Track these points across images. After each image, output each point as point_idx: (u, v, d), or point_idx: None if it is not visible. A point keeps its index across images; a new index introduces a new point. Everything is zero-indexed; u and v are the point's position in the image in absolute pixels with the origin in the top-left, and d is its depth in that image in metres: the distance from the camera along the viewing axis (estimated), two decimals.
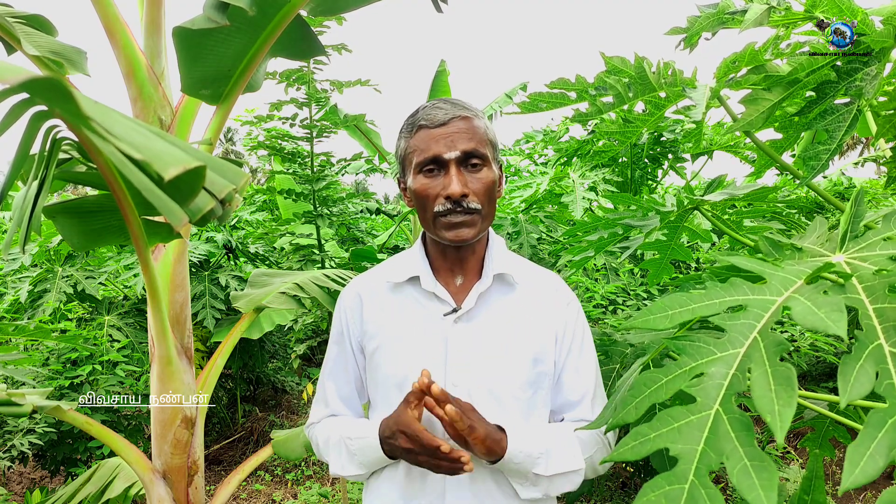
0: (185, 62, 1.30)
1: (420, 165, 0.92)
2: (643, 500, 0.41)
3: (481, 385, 0.92)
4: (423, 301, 0.98)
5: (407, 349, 0.96)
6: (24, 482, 3.37)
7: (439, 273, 1.00)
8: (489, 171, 0.93)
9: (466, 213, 0.91)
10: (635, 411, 0.49)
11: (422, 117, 0.93)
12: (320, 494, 3.30)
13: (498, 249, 1.01)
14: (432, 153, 0.91)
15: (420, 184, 0.93)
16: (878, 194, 2.73)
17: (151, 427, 1.40)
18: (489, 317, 0.96)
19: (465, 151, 0.90)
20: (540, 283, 1.01)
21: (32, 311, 2.66)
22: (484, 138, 0.93)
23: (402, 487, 0.95)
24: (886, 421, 0.40)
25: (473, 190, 0.91)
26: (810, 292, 0.54)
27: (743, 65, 0.98)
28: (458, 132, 0.91)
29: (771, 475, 0.38)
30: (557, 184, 2.18)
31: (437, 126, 0.91)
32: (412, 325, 0.97)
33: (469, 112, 0.94)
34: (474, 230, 0.92)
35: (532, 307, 0.98)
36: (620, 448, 0.46)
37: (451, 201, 0.90)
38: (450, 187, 0.89)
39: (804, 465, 3.18)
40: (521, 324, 0.96)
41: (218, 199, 0.53)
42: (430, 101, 0.96)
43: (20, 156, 0.68)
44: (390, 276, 1.01)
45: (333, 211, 3.04)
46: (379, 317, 1.00)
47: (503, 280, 0.99)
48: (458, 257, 0.98)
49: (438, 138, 0.91)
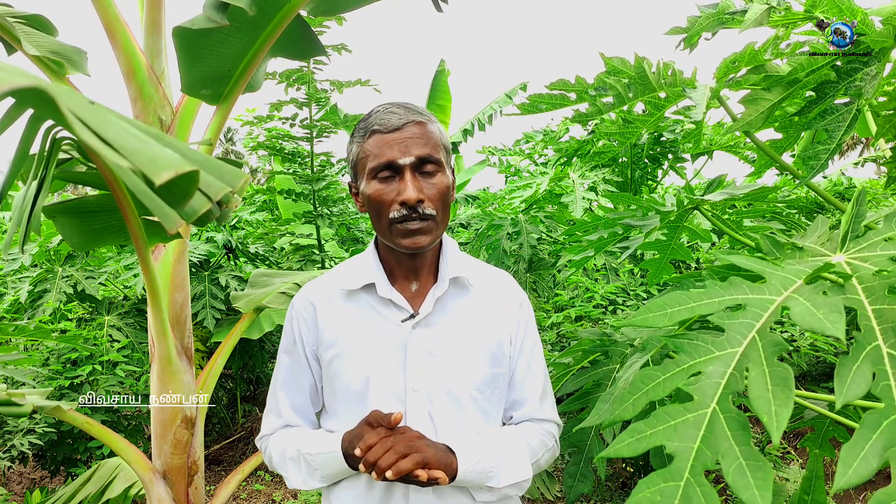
0: (185, 62, 1.30)
1: (374, 171, 0.91)
2: (638, 496, 0.41)
3: (441, 388, 0.93)
4: (380, 308, 0.97)
5: (366, 357, 0.95)
6: (24, 482, 3.37)
7: (395, 279, 0.99)
8: (443, 177, 0.93)
9: (422, 220, 0.90)
10: (633, 408, 0.49)
11: (375, 122, 0.92)
12: (320, 494, 3.31)
13: (452, 252, 1.01)
14: (386, 158, 0.89)
15: (374, 189, 0.91)
16: (878, 194, 2.73)
17: (151, 427, 1.40)
18: (447, 321, 0.96)
19: (420, 157, 0.90)
20: (493, 285, 1.02)
21: (32, 311, 2.66)
22: (438, 144, 0.93)
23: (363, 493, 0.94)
24: (881, 422, 0.40)
25: (429, 196, 0.90)
26: (809, 292, 0.54)
27: (743, 65, 0.98)
28: (413, 137, 0.90)
29: (766, 475, 0.38)
30: (557, 184, 2.18)
31: (391, 131, 0.90)
32: (370, 332, 0.96)
33: (422, 117, 0.93)
34: (430, 237, 0.92)
35: (487, 309, 0.99)
36: (617, 444, 0.46)
37: (407, 207, 0.89)
38: (405, 193, 0.88)
39: (804, 465, 3.18)
40: (477, 326, 0.97)
41: (213, 201, 0.53)
42: (382, 105, 0.95)
43: (20, 155, 0.68)
44: (344, 283, 0.99)
45: (333, 211, 3.04)
46: (335, 325, 0.98)
47: (458, 283, 0.99)
48: (412, 263, 0.98)
49: (392, 143, 0.90)
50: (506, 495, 0.94)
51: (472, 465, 0.87)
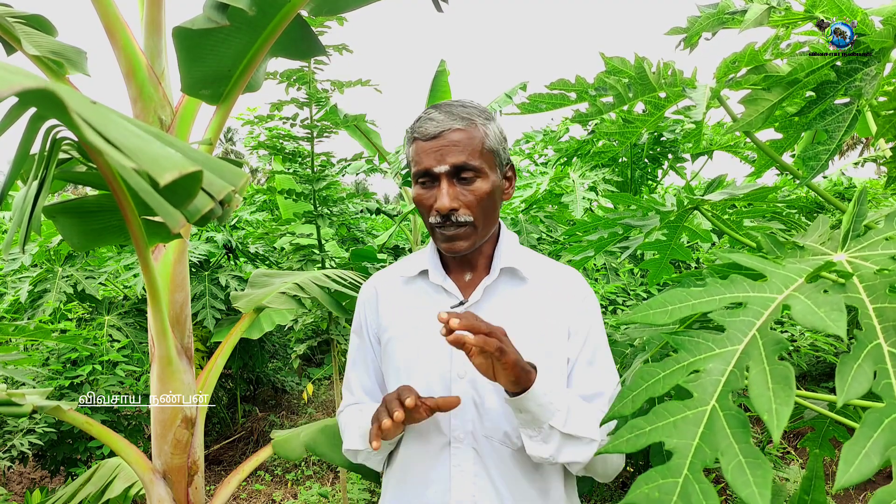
0: (185, 62, 1.30)
1: (416, 176, 0.95)
2: (637, 492, 0.41)
3: None
4: (432, 294, 1.01)
5: (416, 341, 0.98)
6: (24, 482, 3.37)
7: (450, 269, 1.03)
8: (483, 182, 0.93)
9: (457, 227, 0.92)
10: (632, 404, 0.49)
11: (416, 128, 0.94)
12: (320, 494, 3.30)
13: (508, 245, 1.02)
14: (423, 166, 0.92)
15: (416, 194, 0.96)
16: (879, 194, 2.73)
17: (151, 427, 1.40)
18: (496, 310, 0.97)
19: (455, 165, 0.91)
20: (555, 278, 1.01)
21: (32, 311, 2.66)
22: (478, 148, 0.92)
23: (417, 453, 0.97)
24: (883, 420, 0.40)
25: (465, 203, 0.92)
26: (810, 291, 0.54)
27: (743, 65, 0.98)
28: (449, 145, 0.91)
29: (765, 472, 0.38)
30: (557, 184, 2.18)
31: (429, 139, 0.92)
32: (421, 317, 0.99)
33: (462, 122, 0.93)
34: (468, 242, 0.93)
35: (543, 301, 0.98)
36: (615, 440, 0.46)
37: (441, 215, 0.92)
38: (438, 201, 0.91)
39: (804, 465, 3.18)
40: (529, 316, 0.97)
41: (216, 200, 0.53)
42: (427, 110, 0.96)
43: (20, 156, 0.68)
44: (404, 270, 1.05)
45: (334, 211, 3.04)
46: (392, 309, 1.04)
47: (513, 274, 1.00)
48: (465, 256, 1.00)
49: (429, 151, 0.92)
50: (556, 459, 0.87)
51: (546, 387, 0.84)
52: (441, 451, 0.94)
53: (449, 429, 0.94)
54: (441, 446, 0.94)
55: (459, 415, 0.93)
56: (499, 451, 0.93)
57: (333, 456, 1.56)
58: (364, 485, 3.36)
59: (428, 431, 0.96)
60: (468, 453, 0.93)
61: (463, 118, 0.93)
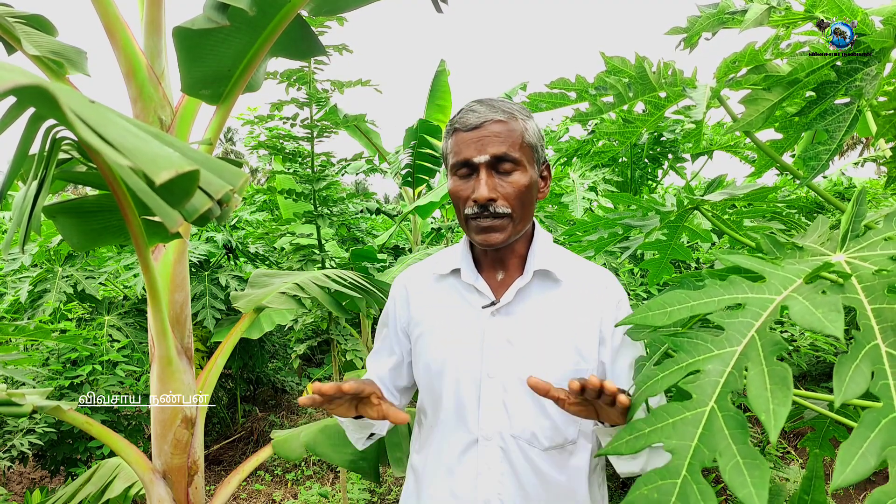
0: (185, 62, 1.30)
1: (454, 168, 0.95)
2: (636, 493, 0.41)
3: (515, 377, 0.93)
4: (464, 293, 1.01)
5: (446, 338, 0.99)
6: (24, 482, 3.37)
7: (482, 268, 1.02)
8: (522, 175, 0.93)
9: (494, 218, 0.92)
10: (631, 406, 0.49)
11: (457, 120, 0.95)
12: (320, 494, 3.30)
13: (542, 246, 1.01)
14: (463, 157, 0.93)
15: (453, 186, 0.96)
16: (878, 194, 2.72)
17: (151, 427, 1.40)
18: (528, 311, 0.96)
19: (495, 155, 0.91)
20: (588, 281, 1.00)
21: (32, 311, 2.66)
22: (518, 141, 0.93)
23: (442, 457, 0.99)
24: (880, 421, 0.40)
25: (503, 194, 0.92)
26: (809, 292, 0.53)
27: (743, 65, 0.98)
28: (490, 136, 0.91)
29: (763, 473, 0.38)
30: (557, 184, 2.18)
31: (470, 130, 0.92)
32: (452, 315, 1.00)
33: (504, 115, 0.93)
34: (504, 234, 0.93)
35: (576, 304, 0.97)
36: (615, 442, 0.46)
37: (479, 205, 0.92)
38: (477, 191, 0.91)
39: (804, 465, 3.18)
40: (562, 319, 0.96)
41: (214, 199, 0.53)
42: (469, 103, 0.97)
43: (19, 155, 0.68)
44: (436, 267, 1.05)
45: (334, 211, 3.04)
46: (424, 306, 1.04)
47: (547, 276, 0.99)
48: (497, 254, 1.00)
49: (469, 142, 0.92)
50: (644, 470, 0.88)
51: None
52: (469, 448, 0.95)
53: (478, 426, 0.94)
54: (469, 443, 0.95)
55: (488, 414, 0.94)
56: (526, 451, 0.93)
57: (333, 456, 1.57)
58: (364, 485, 3.36)
59: (456, 428, 0.96)
60: (495, 452, 0.93)
61: (504, 111, 0.94)
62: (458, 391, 0.95)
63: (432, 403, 1.00)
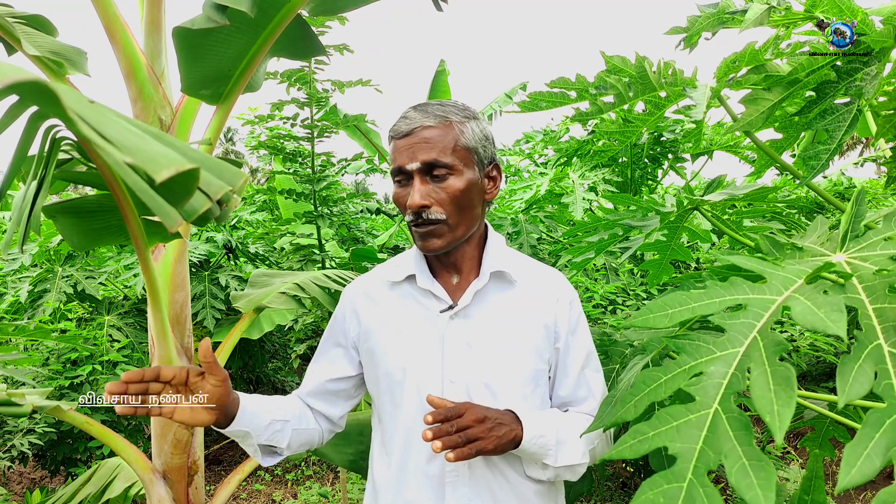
0: (185, 62, 1.30)
1: (392, 175, 0.95)
2: (641, 497, 0.41)
3: (478, 380, 0.93)
4: (420, 299, 0.99)
5: (405, 346, 0.97)
6: (24, 482, 3.37)
7: (436, 272, 1.01)
8: (457, 179, 0.92)
9: (429, 224, 0.92)
10: (634, 409, 0.49)
11: (392, 127, 0.95)
12: (320, 494, 3.30)
13: (496, 247, 1.01)
14: (397, 164, 0.93)
15: (394, 192, 0.96)
16: (878, 194, 2.73)
17: (151, 427, 1.40)
18: (486, 314, 0.96)
19: (426, 162, 0.90)
20: (541, 281, 1.01)
21: (32, 311, 2.66)
22: (450, 146, 0.91)
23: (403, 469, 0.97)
24: (884, 421, 0.40)
25: (437, 200, 0.91)
26: (810, 292, 0.53)
27: (743, 65, 0.98)
28: (420, 142, 0.91)
29: (769, 474, 0.38)
30: (557, 184, 2.18)
31: (402, 137, 0.93)
32: (410, 322, 0.98)
33: (435, 120, 0.92)
34: (442, 240, 0.93)
35: (531, 304, 0.98)
36: (619, 446, 0.46)
37: (412, 212, 0.92)
38: (410, 198, 0.91)
39: (804, 465, 3.18)
40: (518, 320, 0.96)
41: (214, 199, 0.53)
42: (406, 109, 0.97)
43: (19, 155, 0.68)
44: (389, 275, 1.03)
45: (334, 211, 3.04)
46: (378, 315, 1.01)
47: (502, 278, 0.99)
48: (450, 259, 0.99)
49: (403, 149, 0.92)
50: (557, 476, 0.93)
51: (535, 438, 0.88)
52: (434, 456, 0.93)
53: None
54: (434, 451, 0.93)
55: None
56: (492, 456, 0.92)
57: (333, 456, 1.56)
58: (364, 485, 3.36)
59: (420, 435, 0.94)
60: None
61: (437, 116, 0.93)
62: (419, 398, 0.94)
63: (392, 412, 0.97)
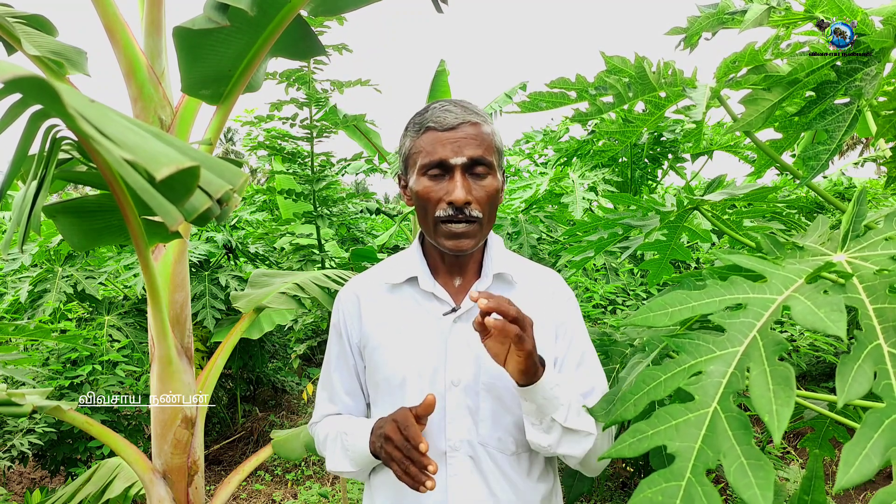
0: (185, 62, 1.30)
1: (424, 167, 0.91)
2: (640, 496, 0.41)
3: (480, 383, 0.93)
4: (422, 301, 0.98)
5: (407, 349, 0.96)
6: (24, 482, 3.37)
7: (438, 273, 1.00)
8: (493, 180, 0.93)
9: (467, 222, 0.90)
10: (634, 408, 0.49)
11: (430, 118, 0.92)
12: (320, 494, 3.30)
13: (496, 250, 1.02)
14: (438, 157, 0.90)
15: (423, 186, 0.92)
16: (878, 194, 2.73)
17: (151, 427, 1.40)
18: None
19: (472, 158, 0.90)
20: (539, 282, 1.02)
21: (32, 311, 2.66)
22: (491, 146, 0.93)
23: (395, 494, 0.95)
24: (883, 421, 0.40)
25: (477, 198, 0.90)
26: (810, 292, 0.53)
27: (743, 65, 0.98)
28: (467, 138, 0.90)
29: (767, 474, 0.38)
30: (557, 184, 2.18)
31: (446, 129, 0.90)
32: (411, 325, 0.97)
33: (478, 118, 0.93)
34: (474, 240, 0.92)
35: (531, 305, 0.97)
36: (618, 444, 0.46)
37: (454, 208, 0.89)
38: (454, 193, 0.88)
39: (804, 465, 3.18)
40: None
41: (214, 198, 0.53)
42: (440, 102, 0.95)
43: (19, 155, 0.68)
44: (388, 276, 1.01)
45: (333, 211, 3.04)
46: (377, 318, 1.00)
47: (502, 279, 0.99)
48: (455, 260, 0.99)
49: (446, 142, 0.90)
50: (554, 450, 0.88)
51: (554, 380, 0.84)
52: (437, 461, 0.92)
53: (445, 439, 0.92)
54: (437, 456, 0.93)
55: (455, 424, 0.92)
56: (494, 457, 0.92)
57: None
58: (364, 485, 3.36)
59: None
60: (465, 462, 0.92)
61: (478, 114, 0.93)
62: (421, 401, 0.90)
63: None
